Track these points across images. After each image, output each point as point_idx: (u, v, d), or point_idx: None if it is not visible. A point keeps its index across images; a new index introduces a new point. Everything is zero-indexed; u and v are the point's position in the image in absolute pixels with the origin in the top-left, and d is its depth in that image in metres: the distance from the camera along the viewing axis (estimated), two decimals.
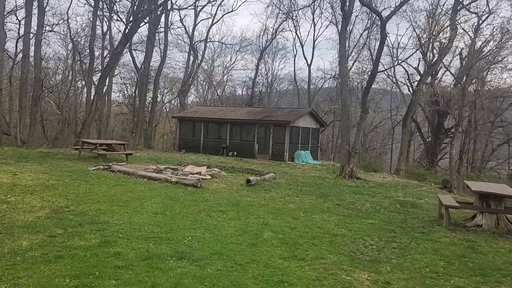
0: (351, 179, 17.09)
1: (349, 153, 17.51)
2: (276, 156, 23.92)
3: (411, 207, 10.88)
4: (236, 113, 27.06)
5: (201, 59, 38.19)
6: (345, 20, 17.81)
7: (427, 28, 28.79)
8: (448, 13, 22.49)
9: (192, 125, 27.77)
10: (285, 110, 27.58)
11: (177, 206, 8.56)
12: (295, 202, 10.40)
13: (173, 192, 10.13)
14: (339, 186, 14.64)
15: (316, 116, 27.03)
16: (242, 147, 25.30)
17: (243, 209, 8.82)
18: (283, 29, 40.98)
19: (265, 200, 10.21)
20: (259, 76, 44.29)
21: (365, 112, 17.42)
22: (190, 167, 14.83)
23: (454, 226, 8.26)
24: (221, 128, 27.10)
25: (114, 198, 8.79)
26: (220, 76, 47.06)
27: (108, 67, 20.70)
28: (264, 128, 25.13)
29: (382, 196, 12.70)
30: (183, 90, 35.13)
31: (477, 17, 20.53)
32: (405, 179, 21.85)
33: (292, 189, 12.55)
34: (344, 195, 12.27)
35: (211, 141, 26.63)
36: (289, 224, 7.73)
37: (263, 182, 13.17)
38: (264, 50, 42.94)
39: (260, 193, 11.26)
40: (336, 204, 10.48)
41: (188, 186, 10.93)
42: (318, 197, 11.38)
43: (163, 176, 11.59)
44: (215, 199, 9.71)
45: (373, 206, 10.58)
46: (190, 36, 35.76)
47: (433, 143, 32.44)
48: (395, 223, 8.55)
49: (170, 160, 19.24)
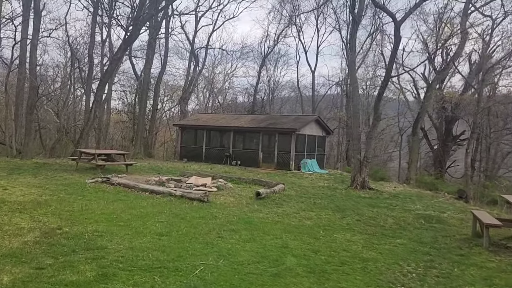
0: (363, 189, 16.22)
1: (361, 163, 16.64)
2: (282, 165, 23.04)
3: (436, 222, 9.99)
4: (239, 121, 26.22)
5: (202, 66, 37.51)
6: (354, 24, 17.03)
7: (434, 32, 28.21)
8: (459, 16, 21.74)
9: (194, 133, 26.92)
10: (290, 117, 26.76)
11: (183, 225, 7.65)
12: (311, 218, 9.50)
13: (178, 208, 9.22)
14: (352, 197, 13.76)
15: (322, 123, 26.20)
16: (246, 155, 24.42)
17: (257, 228, 7.92)
18: (285, 35, 40.32)
19: (278, 216, 9.31)
20: (261, 83, 43.61)
21: (377, 120, 16.59)
22: (194, 178, 13.93)
23: (495, 247, 7.36)
24: (224, 136, 26.26)
25: (113, 216, 7.88)
26: (221, 83, 46.34)
27: (108, 73, 19.89)
28: (269, 136, 24.29)
29: (401, 209, 11.82)
30: (184, 97, 34.36)
31: (491, 20, 19.81)
32: (416, 189, 20.98)
33: (305, 202, 11.65)
34: (361, 208, 11.38)
35: (213, 150, 25.76)
36: (311, 246, 6.83)
37: (273, 194, 12.28)
38: (266, 57, 42.28)
39: (272, 208, 10.36)
40: (356, 220, 9.58)
41: (194, 200, 10.04)
42: (334, 212, 10.48)
43: (166, 190, 10.70)
44: (224, 216, 8.80)
45: (396, 222, 9.68)
46: (191, 42, 35.11)
47: (441, 151, 31.59)
48: (427, 243, 7.65)
49: (172, 170, 18.35)
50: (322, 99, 40.17)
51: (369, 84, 37.28)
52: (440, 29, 27.18)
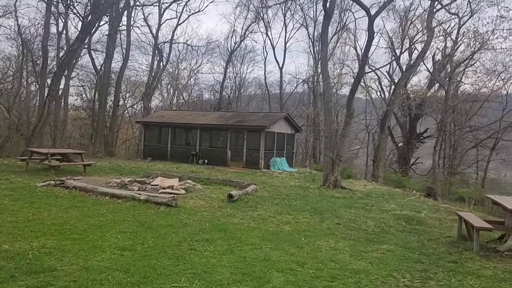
0: (336, 188, 15.79)
1: (333, 161, 16.19)
2: (251, 163, 22.31)
3: (417, 224, 9.58)
4: (206, 118, 25.24)
5: (166, 61, 36.09)
6: (326, 18, 16.50)
7: (399, 31, 28.36)
8: (425, 13, 21.76)
9: (158, 131, 25.69)
10: (259, 114, 26.06)
11: (150, 235, 6.72)
12: (289, 222, 8.80)
13: (143, 215, 8.25)
14: (326, 197, 13.24)
15: (291, 120, 25.67)
16: (213, 154, 23.51)
17: (233, 236, 7.12)
18: (252, 31, 39.55)
19: (254, 221, 8.54)
20: (227, 79, 42.67)
21: (350, 117, 16.17)
22: (160, 179, 12.92)
23: (485, 251, 6.94)
24: (190, 133, 25.21)
25: (66, 228, 6.82)
26: (186, 79, 44.97)
27: (63, 65, 18.38)
28: (237, 134, 23.48)
29: (378, 210, 11.39)
30: (147, 93, 32.88)
31: (457, 18, 19.90)
32: (385, 187, 20.88)
33: (280, 204, 10.96)
34: (338, 210, 10.83)
35: (179, 148, 24.66)
36: (295, 258, 6.11)
37: (246, 196, 11.50)
38: (232, 53, 41.36)
39: (246, 211, 9.58)
40: (336, 224, 8.98)
41: (161, 205, 9.09)
42: (312, 214, 9.85)
43: (129, 193, 9.66)
44: (196, 222, 7.93)
45: (377, 225, 9.16)
46: (155, 36, 33.62)
47: (405, 148, 31.95)
48: (415, 249, 7.13)
49: (135, 171, 17.19)
50: (289, 96, 39.74)
51: (336, 81, 37.19)
52: (406, 27, 27.35)
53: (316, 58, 37.40)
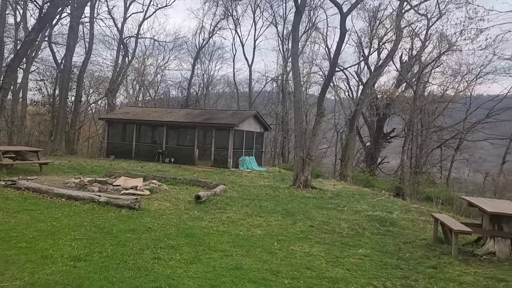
0: (306, 188, 15.52)
1: (304, 160, 15.91)
2: (219, 162, 21.75)
3: (390, 225, 9.36)
4: (173, 115, 24.46)
5: (132, 56, 34.80)
6: (298, 14, 16.19)
7: (368, 31, 28.57)
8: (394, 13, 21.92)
9: (123, 128, 24.67)
10: (228, 112, 25.51)
11: (108, 242, 6.10)
12: (260, 225, 8.36)
13: (103, 218, 7.58)
14: (297, 198, 12.92)
15: (260, 119, 25.28)
16: (180, 152, 22.79)
17: (201, 241, 6.60)
18: (221, 28, 38.89)
19: (224, 225, 8.05)
20: (195, 76, 41.81)
21: (321, 116, 15.92)
22: (123, 179, 12.19)
23: (463, 255, 6.75)
24: (156, 131, 24.37)
25: (13, 235, 6.08)
26: (152, 75, 43.68)
27: (18, 57, 17.16)
28: (205, 132, 22.87)
29: (350, 210, 11.16)
30: (111, 89, 31.61)
31: (426, 19, 20.14)
32: (355, 186, 20.87)
33: (250, 206, 10.51)
34: (310, 211, 10.50)
35: (144, 146, 23.76)
36: (268, 266, 5.67)
37: (214, 197, 10.98)
38: (200, 49, 40.57)
39: (215, 214, 9.07)
40: (309, 226, 8.62)
41: (122, 207, 8.42)
42: (284, 216, 9.46)
43: (88, 195, 8.92)
44: (160, 227, 7.35)
45: (351, 227, 8.88)
46: (120, 30, 32.40)
47: (373, 148, 32.32)
48: (392, 253, 6.86)
49: (97, 170, 16.29)
50: (258, 94, 39.38)
51: (305, 80, 37.15)
52: (375, 27, 27.56)
53: (286, 56, 37.23)
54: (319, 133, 25.99)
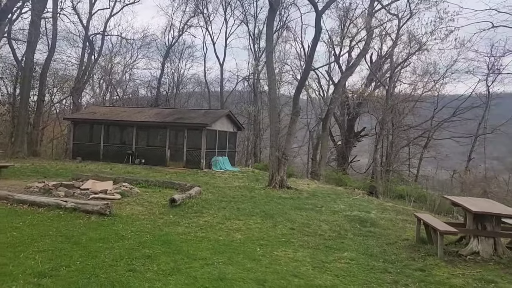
0: (282, 188, 15.31)
1: (279, 160, 15.67)
2: (192, 163, 21.21)
3: (371, 226, 9.23)
4: (143, 115, 23.69)
5: (98, 54, 33.58)
6: (272, 11, 15.93)
7: (339, 30, 28.71)
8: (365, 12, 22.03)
9: (90, 128, 23.68)
10: (200, 111, 25.00)
11: (77, 253, 5.57)
12: (240, 229, 8.00)
13: (70, 227, 6.99)
14: (274, 199, 12.65)
15: (233, 118, 24.89)
16: (151, 153, 22.08)
17: (179, 249, 6.16)
18: (191, 25, 38.16)
19: (202, 230, 7.63)
20: (164, 75, 40.86)
21: (296, 115, 15.71)
22: (91, 182, 11.51)
23: (448, 256, 6.62)
24: (126, 131, 23.53)
25: None
26: (120, 74, 42.35)
27: None
28: (177, 132, 22.27)
29: (328, 211, 10.99)
30: (76, 88, 30.36)
31: (397, 19, 20.32)
32: (328, 185, 20.87)
33: (227, 208, 10.13)
34: (289, 212, 10.24)
35: (113, 147, 22.88)
36: (253, 274, 5.31)
37: (190, 200, 10.51)
38: (170, 48, 39.66)
39: (191, 218, 8.63)
40: (290, 229, 8.34)
41: (92, 213, 7.84)
42: (263, 219, 9.14)
43: (53, 200, 8.26)
44: (134, 234, 6.85)
45: (332, 228, 8.67)
46: (85, 26, 31.11)
47: (344, 147, 32.57)
48: (378, 256, 6.66)
49: (63, 173, 15.44)
50: (230, 94, 38.90)
51: (277, 79, 37.01)
52: (346, 26, 27.71)
53: (257, 55, 36.99)
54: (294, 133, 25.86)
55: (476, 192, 18.82)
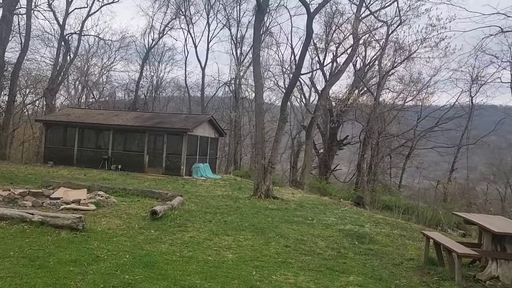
0: (268, 198, 14.61)
1: (265, 169, 14.95)
2: (171, 169, 20.26)
3: (369, 242, 8.58)
4: (120, 118, 22.59)
5: (74, 54, 32.17)
6: (260, 13, 15.27)
7: (324, 36, 28.36)
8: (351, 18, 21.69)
9: (63, 131, 22.40)
10: (181, 116, 24.05)
11: (42, 281, 4.65)
12: (230, 247, 7.20)
13: (36, 245, 6.03)
14: (261, 210, 11.92)
15: (215, 124, 24.07)
16: (128, 159, 21.01)
17: (164, 274, 5.31)
18: (172, 27, 37.22)
19: (188, 248, 6.79)
20: (143, 77, 39.66)
21: (284, 121, 15.04)
22: (62, 190, 10.49)
23: (466, 281, 6.00)
24: (102, 135, 22.36)
25: None
26: (96, 76, 40.89)
27: None
28: (156, 137, 21.28)
29: (320, 224, 10.34)
30: (50, 88, 28.90)
31: (386, 26, 20.02)
32: (313, 194, 20.29)
33: (213, 221, 9.30)
34: (280, 226, 9.51)
35: (88, 151, 21.69)
36: None
37: (172, 211, 9.64)
38: (150, 50, 38.58)
39: (175, 233, 7.78)
40: (284, 246, 7.59)
41: (62, 228, 6.88)
42: (253, 234, 8.36)
43: (17, 213, 7.23)
44: (111, 254, 5.95)
45: (329, 246, 7.97)
46: (61, 25, 29.79)
47: (326, 155, 32.18)
48: (387, 281, 5.96)
49: (32, 178, 14.28)
50: (211, 98, 38.02)
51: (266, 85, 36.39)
52: (331, 33, 27.39)
53: (239, 60, 36.32)
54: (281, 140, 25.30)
55: (464, 203, 18.59)
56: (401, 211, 16.85)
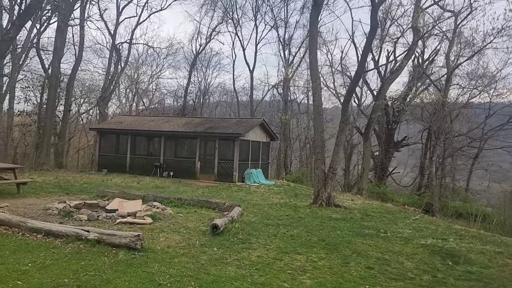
0: (330, 207, 13.50)
1: (326, 175, 13.85)
2: (223, 176, 19.63)
3: (463, 262, 7.31)
4: (171, 124, 22.33)
5: (125, 63, 32.72)
6: (316, 7, 14.26)
7: (379, 32, 26.74)
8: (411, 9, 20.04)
9: (116, 139, 22.47)
10: (232, 120, 23.43)
11: None
12: (305, 269, 6.22)
13: (91, 269, 5.35)
14: (325, 220, 10.87)
15: (267, 127, 23.23)
16: (180, 165, 20.64)
17: None
18: (219, 31, 36.95)
19: (258, 271, 5.89)
20: (192, 83, 39.73)
21: (346, 123, 13.89)
22: (118, 202, 9.99)
23: None
24: (153, 142, 22.24)
25: None
26: (146, 84, 41.53)
27: None
28: (208, 142, 20.78)
29: (396, 238, 9.13)
30: (103, 97, 29.43)
31: (454, 16, 18.26)
32: (374, 201, 18.88)
33: (278, 236, 8.38)
34: (353, 241, 8.42)
35: (140, 159, 21.58)
36: None
37: (232, 224, 8.82)
38: (198, 55, 38.56)
39: (239, 251, 6.93)
40: (366, 268, 6.51)
41: (119, 247, 6.22)
42: (326, 252, 7.35)
43: (73, 230, 6.67)
44: (174, 281, 5.15)
45: (419, 267, 6.80)
46: (112, 34, 30.34)
47: (383, 157, 30.38)
48: None
49: (87, 188, 14.07)
50: (260, 102, 37.31)
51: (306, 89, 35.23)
52: (386, 28, 25.81)
53: (288, 61, 35.38)
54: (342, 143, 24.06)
55: None
56: (479, 220, 15.13)
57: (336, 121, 34.56)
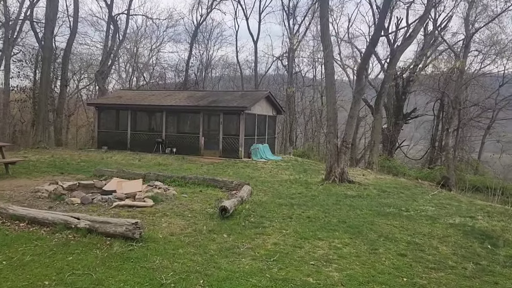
0: (343, 183, 12.72)
1: (339, 149, 12.94)
2: (229, 151, 18.74)
3: (504, 244, 6.48)
4: (173, 98, 21.29)
5: (123, 36, 31.34)
6: None
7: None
8: None
9: (116, 115, 21.51)
10: (236, 93, 22.34)
11: None
12: (329, 258, 5.38)
13: (80, 266, 4.51)
14: (340, 198, 10.05)
15: (273, 100, 22.15)
16: (183, 141, 19.73)
17: None
18: (220, 0, 35.30)
19: (277, 264, 5.04)
20: (193, 56, 38.35)
21: (360, 93, 12.87)
22: (116, 182, 9.13)
23: None
24: (154, 117, 21.29)
25: None
26: (146, 58, 40.18)
27: None
28: (212, 117, 19.81)
29: (421, 217, 8.36)
30: (101, 71, 28.27)
31: None
32: (386, 175, 18.03)
33: (293, 218, 7.54)
34: (376, 222, 7.62)
35: (141, 135, 20.67)
36: None
37: (242, 205, 7.96)
38: (199, 26, 37.04)
39: (253, 237, 6.09)
40: (398, 255, 5.68)
41: (115, 237, 5.37)
42: (350, 236, 6.51)
43: (60, 217, 5.79)
44: (179, 279, 4.30)
45: (456, 252, 5.99)
46: (109, 4, 28.86)
47: (392, 130, 29.36)
48: None
49: (84, 166, 13.23)
50: (265, 74, 36.02)
51: (314, 58, 33.91)
52: None
53: (293, 30, 33.92)
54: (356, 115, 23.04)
55: None
56: (499, 194, 14.30)
57: (341, 94, 33.56)
